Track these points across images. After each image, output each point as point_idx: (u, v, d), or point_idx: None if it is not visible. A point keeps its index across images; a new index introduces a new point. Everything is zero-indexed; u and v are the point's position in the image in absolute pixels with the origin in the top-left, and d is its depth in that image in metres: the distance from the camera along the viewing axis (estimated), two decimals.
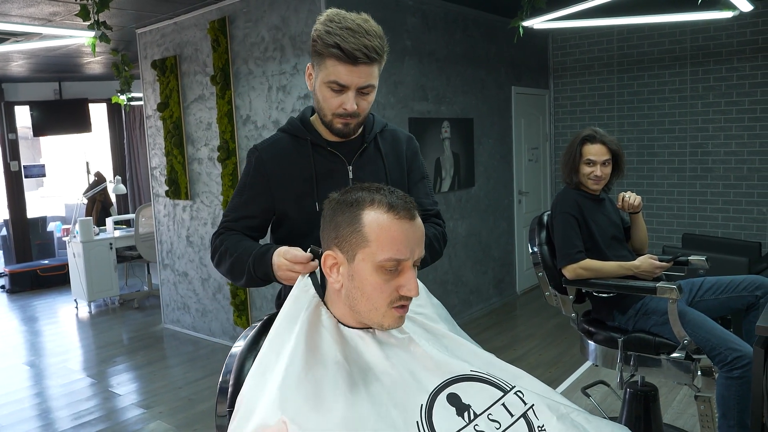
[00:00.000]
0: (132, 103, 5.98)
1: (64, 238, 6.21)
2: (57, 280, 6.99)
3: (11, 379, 4.13)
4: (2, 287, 7.00)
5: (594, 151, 2.37)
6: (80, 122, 7.65)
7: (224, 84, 4.21)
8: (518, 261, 5.62)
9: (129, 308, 5.91)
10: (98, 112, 8.19)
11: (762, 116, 4.86)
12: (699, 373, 2.08)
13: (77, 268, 5.77)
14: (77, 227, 5.72)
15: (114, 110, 8.21)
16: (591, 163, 2.38)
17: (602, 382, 2.84)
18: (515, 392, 1.09)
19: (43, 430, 3.30)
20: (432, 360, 1.11)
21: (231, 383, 1.12)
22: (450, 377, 1.08)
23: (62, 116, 7.56)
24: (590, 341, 2.39)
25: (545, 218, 2.57)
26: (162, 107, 4.73)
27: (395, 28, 4.12)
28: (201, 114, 4.51)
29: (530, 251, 2.54)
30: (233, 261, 1.43)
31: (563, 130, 5.98)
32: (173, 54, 4.62)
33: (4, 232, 7.84)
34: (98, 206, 6.96)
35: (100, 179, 6.84)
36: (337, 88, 1.37)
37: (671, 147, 5.32)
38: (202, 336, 4.77)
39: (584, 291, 2.44)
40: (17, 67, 6.36)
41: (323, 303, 1.16)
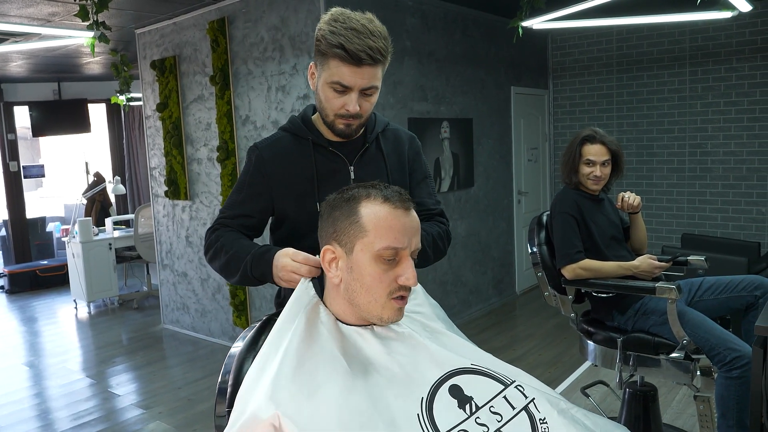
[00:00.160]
0: (131, 104, 5.97)
1: (64, 239, 6.21)
2: (56, 281, 6.98)
3: (11, 380, 4.13)
4: (1, 288, 6.99)
5: (594, 152, 2.37)
6: (79, 122, 7.64)
7: (223, 84, 4.21)
8: (517, 261, 5.62)
9: (128, 308, 5.91)
10: (97, 113, 8.19)
11: (761, 116, 4.86)
12: (698, 373, 2.08)
13: (76, 269, 5.77)
14: (76, 227, 5.72)
15: (113, 110, 8.21)
16: (591, 164, 2.38)
17: (601, 382, 2.84)
18: (516, 386, 1.09)
19: (43, 431, 3.29)
20: (432, 353, 1.11)
21: (230, 383, 1.12)
22: (451, 369, 1.09)
23: (61, 116, 7.55)
24: (589, 341, 2.39)
25: (544, 218, 2.57)
26: (161, 107, 4.73)
27: (395, 29, 4.12)
28: (200, 114, 4.51)
29: (529, 251, 2.54)
30: (229, 258, 1.41)
31: (562, 131, 5.98)
32: (172, 54, 4.62)
33: (4, 233, 7.83)
34: (97, 206, 6.95)
35: (100, 179, 6.83)
36: (340, 89, 1.35)
37: (670, 147, 5.32)
38: (202, 336, 4.77)
39: (583, 291, 2.44)
40: (16, 68, 6.36)
41: (322, 302, 1.17)
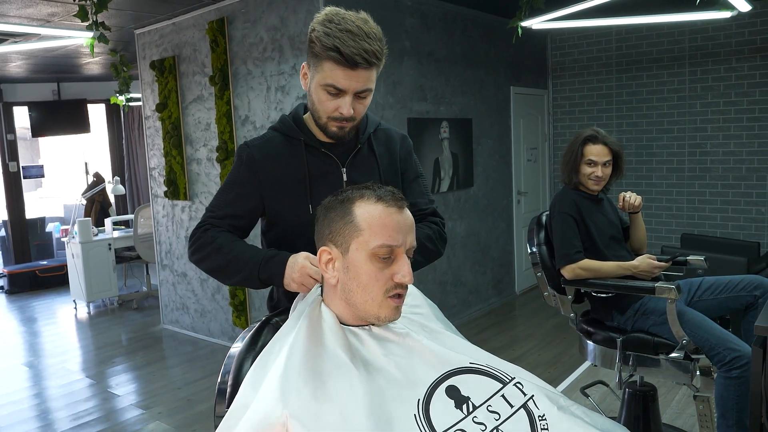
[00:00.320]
0: (131, 104, 5.97)
1: (63, 239, 6.21)
2: (56, 281, 6.98)
3: (10, 380, 4.13)
4: (1, 288, 6.99)
5: (596, 152, 2.37)
6: (79, 123, 7.64)
7: (223, 84, 4.21)
8: (517, 261, 5.62)
9: (128, 309, 5.90)
10: (97, 113, 8.19)
11: (760, 116, 4.86)
12: (698, 373, 2.08)
13: (76, 269, 5.76)
14: (76, 228, 5.72)
15: (113, 111, 8.20)
16: (592, 164, 2.38)
17: (601, 382, 2.83)
18: (515, 383, 1.09)
19: (42, 431, 3.29)
20: (430, 353, 1.11)
21: (229, 384, 1.12)
22: (449, 370, 1.09)
23: (61, 117, 7.55)
24: (589, 341, 2.39)
25: (544, 218, 2.57)
26: (161, 108, 4.73)
27: (394, 29, 4.12)
28: (200, 114, 4.50)
29: (529, 251, 2.54)
30: (230, 259, 1.38)
31: (562, 131, 5.98)
32: (172, 54, 4.62)
33: (3, 233, 7.83)
34: (97, 207, 6.95)
35: (99, 180, 6.83)
36: (334, 92, 1.34)
37: (670, 147, 5.32)
38: (201, 336, 4.77)
39: (583, 291, 2.44)
40: (16, 68, 6.35)
41: (324, 303, 1.18)
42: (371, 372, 1.06)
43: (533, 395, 1.08)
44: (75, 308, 5.98)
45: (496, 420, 1.02)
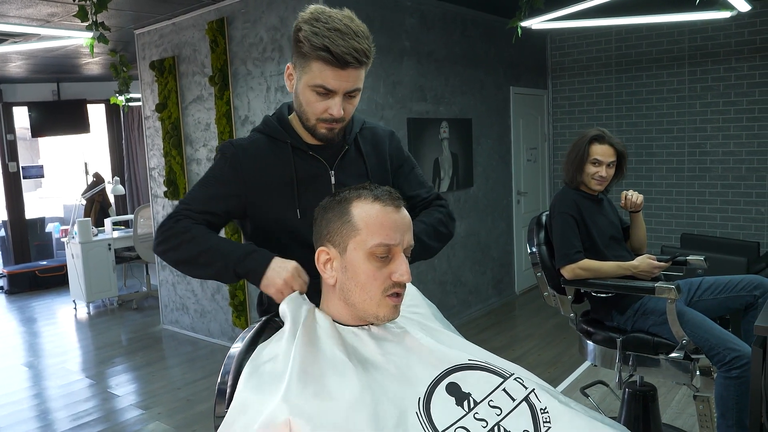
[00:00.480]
0: (130, 104, 5.97)
1: (63, 239, 6.21)
2: (55, 281, 6.98)
3: (10, 380, 4.12)
4: (1, 288, 6.99)
5: (601, 152, 2.37)
6: (79, 123, 7.64)
7: (223, 85, 4.21)
8: (517, 261, 5.62)
9: (128, 309, 5.90)
10: (97, 113, 8.18)
11: (760, 116, 4.86)
12: (698, 373, 2.08)
13: (76, 269, 5.76)
14: (76, 228, 5.72)
15: (112, 111, 8.20)
16: (597, 163, 2.38)
17: (601, 382, 2.83)
18: (515, 378, 1.10)
19: (42, 431, 3.30)
20: (429, 351, 1.11)
21: (229, 384, 1.12)
22: (448, 367, 1.09)
23: (60, 117, 7.54)
24: (589, 341, 2.39)
25: (544, 218, 2.57)
26: (160, 108, 4.73)
27: (394, 28, 4.12)
28: (199, 115, 4.50)
29: (529, 251, 2.54)
30: (205, 249, 1.30)
31: (562, 131, 5.98)
32: (171, 55, 4.62)
33: (3, 233, 7.83)
34: (97, 207, 6.96)
35: (99, 180, 6.83)
36: (323, 92, 1.30)
37: (669, 147, 5.32)
38: (201, 337, 4.77)
39: (583, 291, 2.44)
40: (15, 68, 6.35)
41: (318, 308, 1.18)
42: (371, 371, 1.06)
43: (534, 389, 1.08)
44: (75, 308, 5.98)
45: (498, 415, 1.02)
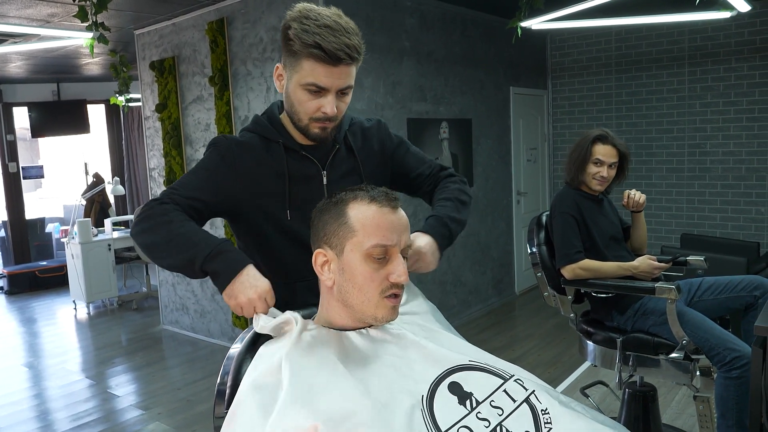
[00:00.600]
0: (130, 104, 5.97)
1: (63, 240, 6.20)
2: (55, 282, 6.98)
3: (10, 381, 4.12)
4: (1, 288, 6.99)
5: (604, 152, 2.37)
6: (78, 123, 7.64)
7: (222, 85, 4.21)
8: (517, 261, 5.62)
9: (127, 309, 5.90)
10: (96, 113, 8.19)
11: (760, 116, 4.86)
12: (698, 373, 2.08)
13: (76, 270, 5.76)
14: (76, 228, 5.71)
15: (112, 111, 8.20)
16: (599, 163, 2.38)
17: (601, 383, 2.83)
18: (515, 380, 1.09)
19: None
20: (430, 353, 1.11)
21: (228, 385, 1.12)
22: (449, 367, 1.08)
23: (60, 117, 7.55)
24: (589, 341, 2.39)
25: (544, 218, 2.57)
26: (160, 108, 4.73)
27: (393, 29, 4.12)
28: (199, 115, 4.50)
29: (529, 251, 2.54)
30: (177, 234, 1.22)
31: (561, 131, 5.98)
32: (171, 55, 4.62)
33: (3, 234, 7.83)
34: (97, 207, 6.95)
35: (99, 180, 6.83)
36: (316, 90, 1.28)
37: (669, 147, 5.32)
38: (201, 337, 4.77)
39: (583, 291, 2.44)
40: (15, 68, 6.35)
41: (304, 319, 1.16)
42: (373, 373, 1.05)
43: (534, 390, 1.08)
44: (75, 309, 5.98)
45: (500, 415, 1.02)
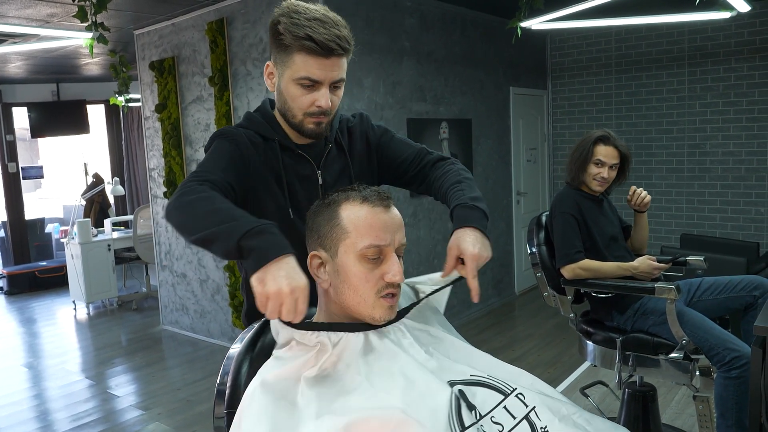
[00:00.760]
0: (130, 105, 5.97)
1: (62, 240, 6.20)
2: (55, 282, 6.97)
3: (9, 381, 4.12)
4: (0, 289, 6.99)
5: (605, 153, 2.37)
6: (78, 123, 7.64)
7: (222, 85, 4.21)
8: (517, 261, 5.62)
9: (127, 310, 5.90)
10: (96, 114, 8.18)
11: (760, 116, 4.86)
12: (697, 373, 2.08)
13: (75, 270, 5.76)
14: (75, 229, 5.71)
15: (112, 111, 8.20)
16: (600, 164, 2.38)
17: (601, 383, 2.83)
18: (516, 394, 1.09)
19: None
20: (430, 371, 1.08)
21: (228, 385, 1.12)
22: (450, 380, 1.07)
23: (60, 117, 7.54)
24: (589, 341, 2.39)
25: (544, 219, 2.57)
26: (160, 108, 4.73)
27: (393, 29, 4.12)
28: (199, 115, 4.50)
29: (529, 252, 2.54)
30: (218, 209, 1.11)
31: (561, 131, 5.98)
32: (171, 55, 4.62)
33: (2, 234, 7.82)
34: (96, 207, 6.95)
35: (99, 180, 6.83)
36: (309, 84, 1.27)
37: (669, 147, 5.32)
38: (201, 337, 4.77)
39: (583, 291, 2.44)
40: (15, 69, 6.35)
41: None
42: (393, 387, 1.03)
43: (534, 406, 1.07)
44: (74, 309, 5.97)
45: (500, 431, 1.02)
